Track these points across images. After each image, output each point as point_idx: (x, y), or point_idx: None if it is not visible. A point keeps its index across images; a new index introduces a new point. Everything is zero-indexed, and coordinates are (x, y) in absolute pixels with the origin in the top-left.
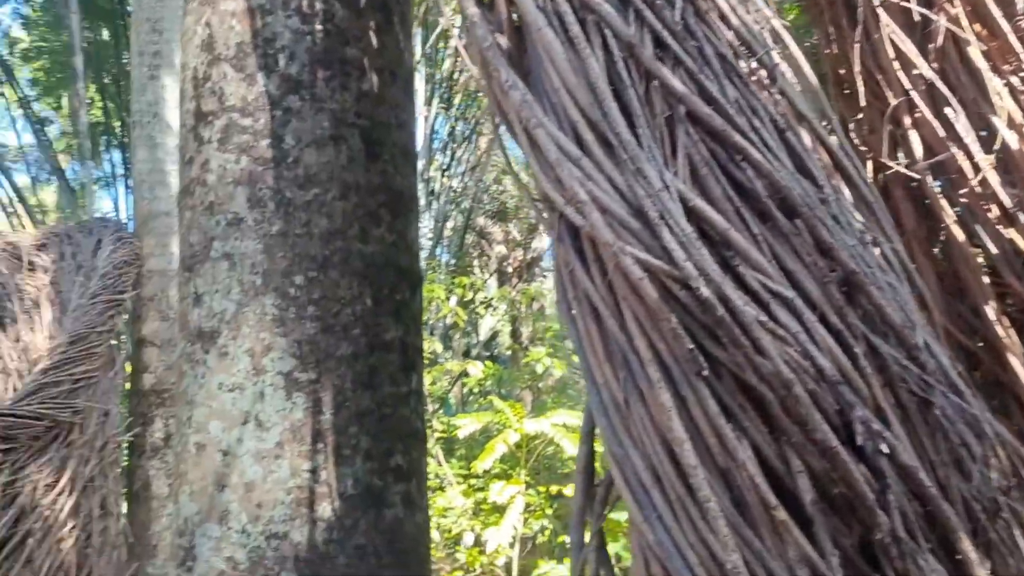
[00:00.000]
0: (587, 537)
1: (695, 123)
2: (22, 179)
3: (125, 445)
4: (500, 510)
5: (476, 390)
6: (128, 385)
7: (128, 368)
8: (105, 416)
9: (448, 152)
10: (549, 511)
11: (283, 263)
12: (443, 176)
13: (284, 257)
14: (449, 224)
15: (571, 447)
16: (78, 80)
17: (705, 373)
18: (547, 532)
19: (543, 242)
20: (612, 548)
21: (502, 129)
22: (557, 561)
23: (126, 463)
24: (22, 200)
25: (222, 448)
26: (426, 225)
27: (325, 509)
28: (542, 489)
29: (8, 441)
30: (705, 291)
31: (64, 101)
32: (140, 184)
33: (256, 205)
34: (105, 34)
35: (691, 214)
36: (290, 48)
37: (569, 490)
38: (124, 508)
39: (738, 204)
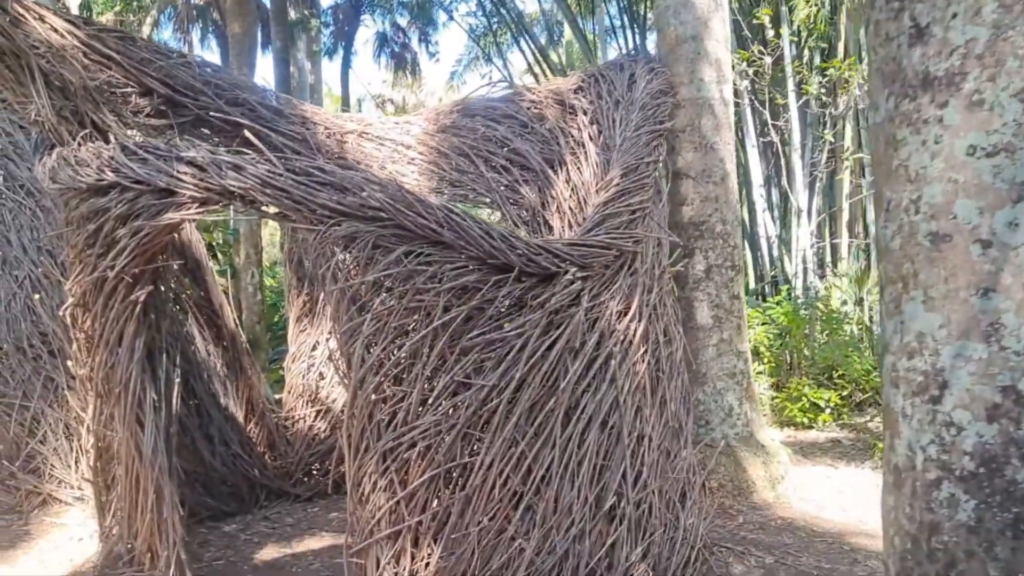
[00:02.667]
0: None
1: None
2: (542, 38)
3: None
4: None
5: None
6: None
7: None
8: (659, 246)
9: None
10: None
11: None
12: None
13: None
14: None
15: None
16: None
17: None
18: None
19: None
20: None
21: None
22: None
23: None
24: (545, 57)
25: (980, 237)
26: None
27: None
28: None
29: (585, 269)
30: None
31: None
32: (664, 11)
33: None
34: None
35: None
36: None
37: None
38: None
39: None
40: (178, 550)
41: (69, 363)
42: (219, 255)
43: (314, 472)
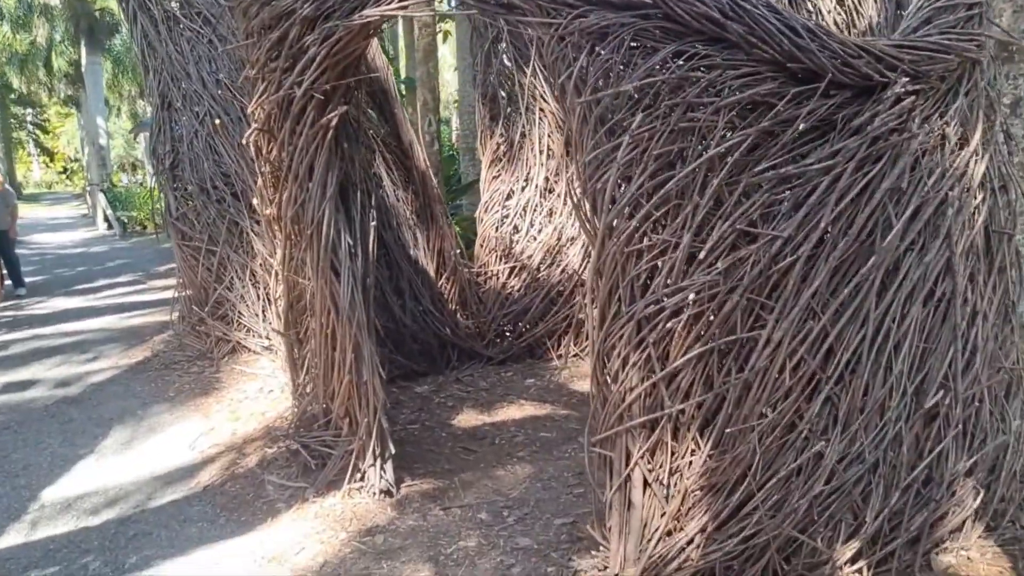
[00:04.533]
0: None
1: None
2: None
3: None
4: None
5: None
6: None
7: None
8: (992, 59)
9: None
10: None
11: None
12: None
13: None
14: None
15: None
16: None
17: None
18: None
19: None
20: None
21: None
22: None
23: None
24: None
25: None
26: None
27: None
28: None
29: (917, 80)
30: None
31: None
32: None
33: None
34: None
35: None
36: None
37: None
38: None
39: None
40: (380, 417)
41: (254, 202)
42: None
43: (507, 334)
